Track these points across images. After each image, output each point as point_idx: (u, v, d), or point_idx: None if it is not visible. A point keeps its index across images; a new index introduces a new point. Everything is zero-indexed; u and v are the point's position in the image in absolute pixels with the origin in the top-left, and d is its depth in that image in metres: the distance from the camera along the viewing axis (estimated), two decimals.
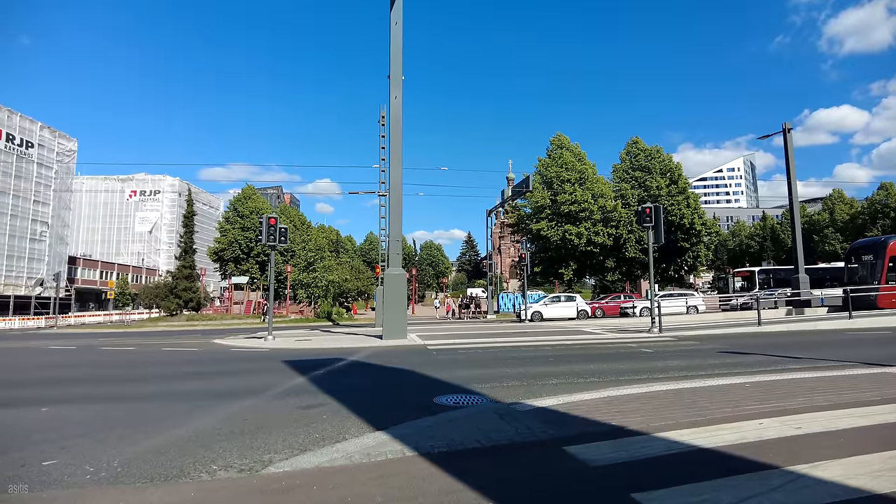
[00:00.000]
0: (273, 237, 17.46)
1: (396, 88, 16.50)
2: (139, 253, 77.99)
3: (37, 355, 14.86)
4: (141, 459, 4.16)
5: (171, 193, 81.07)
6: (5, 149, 48.21)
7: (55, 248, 54.25)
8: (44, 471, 3.96)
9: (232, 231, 54.65)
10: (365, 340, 16.26)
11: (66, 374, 10.75)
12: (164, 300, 43.46)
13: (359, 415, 5.55)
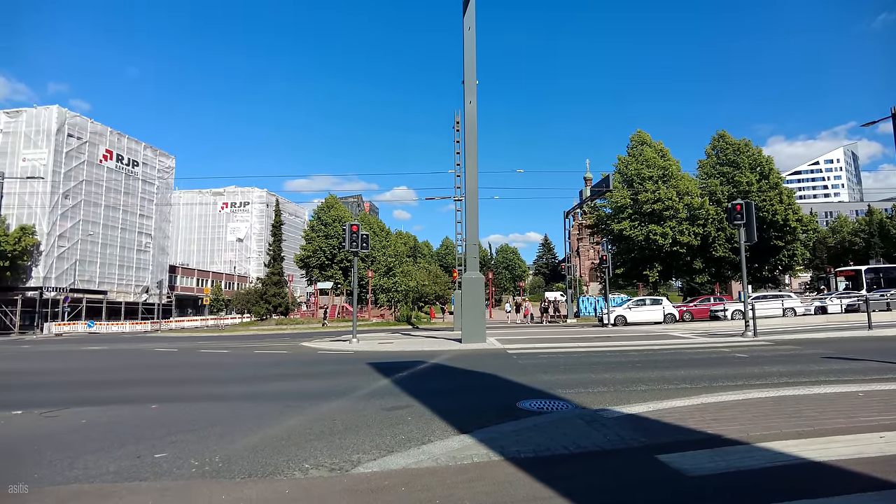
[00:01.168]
0: (355, 244, 18.00)
1: (471, 93, 16.56)
2: (231, 261, 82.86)
3: (145, 357, 16.09)
4: (239, 456, 4.39)
5: (259, 205, 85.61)
6: (115, 168, 52.75)
7: (158, 258, 58.67)
8: (155, 462, 4.26)
9: (316, 239, 56.90)
10: (444, 344, 16.38)
11: (170, 374, 11.56)
12: (254, 305, 45.82)
13: (442, 417, 5.58)
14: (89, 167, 49.52)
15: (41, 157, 45.85)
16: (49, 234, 45.38)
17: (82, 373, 12.22)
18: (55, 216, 46.06)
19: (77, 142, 48.31)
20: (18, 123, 47.01)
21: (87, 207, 49.31)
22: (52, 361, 15.25)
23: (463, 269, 26.65)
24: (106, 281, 51.48)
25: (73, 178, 47.85)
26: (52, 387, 9.70)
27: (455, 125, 27.24)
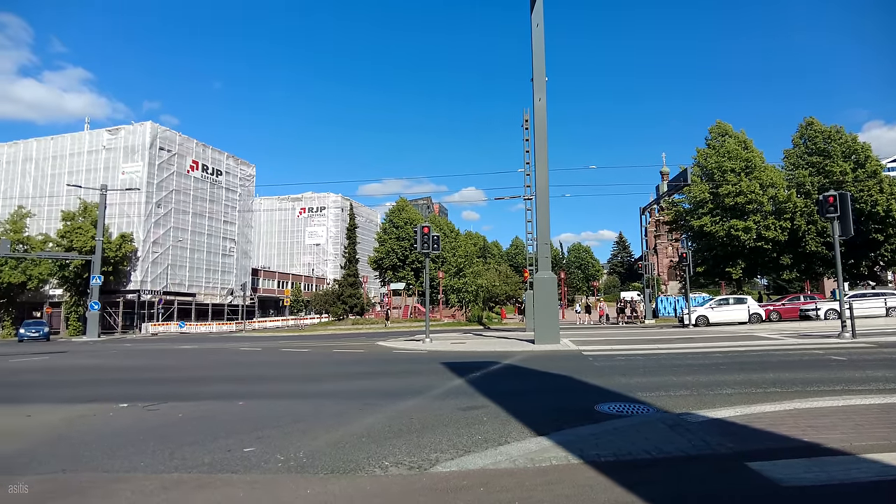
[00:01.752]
0: (427, 245, 18.23)
1: (540, 91, 16.38)
2: (309, 264, 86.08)
3: (231, 355, 16.99)
4: (322, 452, 4.55)
5: (334, 209, 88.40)
6: (201, 178, 56.08)
7: (241, 261, 61.83)
8: (244, 456, 4.50)
9: (389, 241, 58.08)
10: (517, 345, 16.28)
11: (255, 372, 12.16)
12: (332, 306, 47.39)
13: (518, 419, 5.56)
14: (178, 177, 52.94)
15: (137, 169, 49.51)
16: (144, 240, 48.90)
17: (177, 370, 13.08)
18: (149, 224, 49.58)
19: (167, 154, 51.77)
20: (118, 140, 51.00)
21: (177, 215, 52.74)
22: (150, 359, 16.41)
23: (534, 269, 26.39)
24: (195, 284, 54.82)
25: (165, 188, 51.30)
26: (151, 382, 10.45)
27: (524, 123, 27.03)
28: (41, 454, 4.79)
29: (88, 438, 5.38)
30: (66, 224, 44.54)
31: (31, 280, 45.48)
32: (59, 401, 7.90)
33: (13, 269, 44.84)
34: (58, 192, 49.79)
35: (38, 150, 54.15)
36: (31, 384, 10.71)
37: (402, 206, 60.40)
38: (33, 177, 53.25)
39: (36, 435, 5.59)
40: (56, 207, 48.37)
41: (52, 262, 44.67)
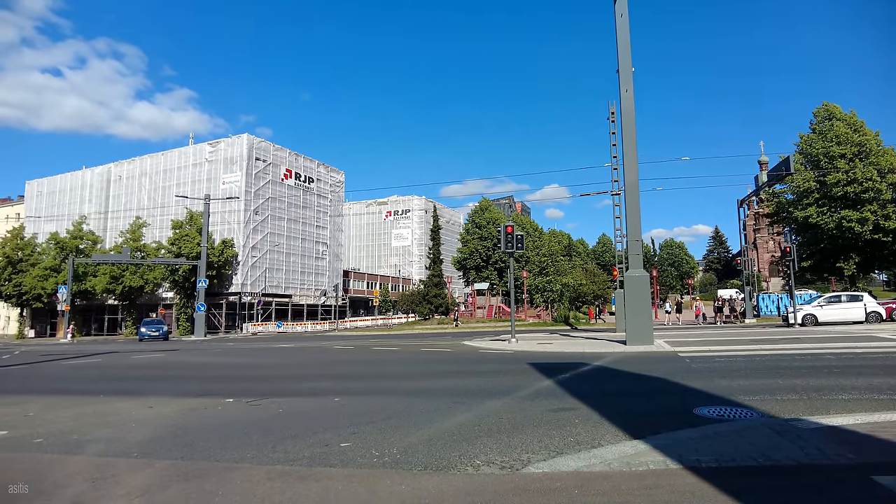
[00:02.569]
0: (511, 244, 18.14)
1: (627, 82, 15.85)
2: (395, 265, 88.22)
3: (325, 354, 17.74)
4: (414, 449, 4.65)
5: (418, 211, 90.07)
6: (294, 185, 58.99)
7: (333, 264, 64.40)
8: (341, 451, 4.68)
9: (472, 241, 58.37)
10: (607, 345, 15.83)
11: (348, 370, 12.62)
12: (417, 306, 48.28)
13: (611, 421, 5.40)
14: (273, 185, 55.99)
15: (236, 179, 52.86)
16: (244, 246, 52.12)
17: (275, 368, 13.84)
18: (248, 230, 52.78)
19: (263, 164, 54.90)
20: (218, 152, 54.72)
21: (273, 221, 55.77)
22: (251, 357, 17.46)
23: (624, 267, 25.56)
24: (291, 286, 57.72)
25: (261, 196, 54.43)
26: (252, 379, 11.12)
27: (610, 116, 26.24)
28: (164, 442, 5.23)
29: (201, 429, 5.81)
30: (175, 232, 48.39)
31: (147, 284, 49.81)
32: (175, 394, 8.59)
33: (133, 274, 49.30)
34: (168, 203, 54.13)
35: (151, 165, 59.15)
36: (150, 378, 11.73)
37: (485, 206, 60.48)
38: (147, 190, 58.23)
39: (158, 424, 6.11)
40: (167, 217, 52.60)
41: (164, 267, 48.73)
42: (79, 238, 52.05)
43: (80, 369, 14.44)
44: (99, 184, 61.70)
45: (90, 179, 62.58)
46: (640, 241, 15.97)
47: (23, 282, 51.04)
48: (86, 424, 6.24)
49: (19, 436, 5.76)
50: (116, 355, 19.44)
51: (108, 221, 58.99)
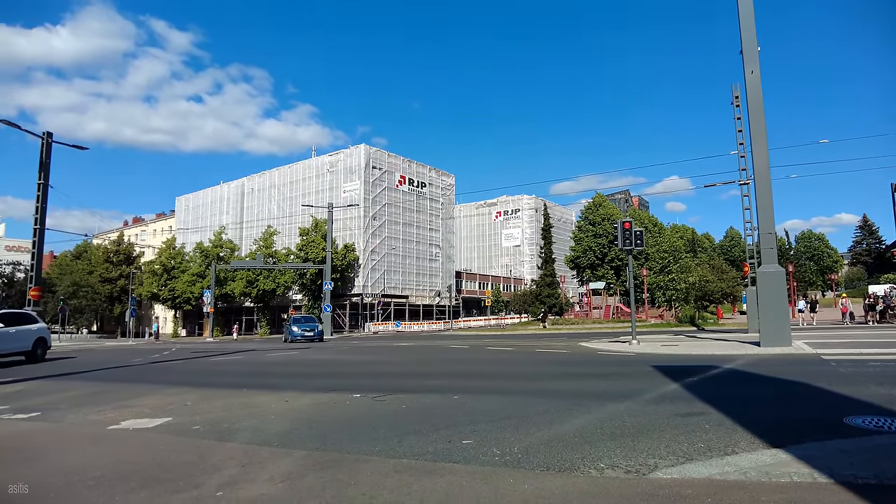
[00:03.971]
0: (629, 241, 17.45)
1: (752, 62, 14.65)
2: (507, 265, 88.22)
3: (442, 353, 18.15)
4: (535, 449, 4.64)
5: (528, 210, 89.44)
6: (408, 190, 61.04)
7: (445, 265, 65.78)
8: (463, 448, 4.79)
9: (585, 239, 56.89)
10: (738, 347, 14.73)
11: (465, 368, 12.83)
12: (530, 306, 47.82)
13: (746, 427, 5.04)
14: (388, 192, 58.34)
15: (355, 187, 55.76)
16: (364, 249, 54.84)
17: (396, 365, 14.39)
18: (367, 235, 55.44)
19: (379, 172, 57.43)
20: (338, 162, 58.04)
21: (389, 226, 58.12)
22: (373, 355, 18.31)
23: (755, 263, 23.70)
24: (407, 287, 59.81)
25: (378, 202, 56.95)
26: (376, 376, 11.67)
27: (733, 101, 24.36)
28: (300, 434, 5.67)
29: (332, 423, 6.22)
30: (302, 239, 52.08)
31: (279, 287, 54.05)
32: (306, 389, 9.24)
33: (266, 278, 53.70)
34: (295, 212, 58.27)
35: (279, 177, 64.05)
36: (284, 375, 12.71)
37: (599, 202, 58.66)
38: (276, 200, 63.11)
39: (293, 417, 6.63)
40: (294, 225, 56.65)
41: (293, 272, 52.58)
42: (219, 246, 57.59)
43: (225, 365, 15.98)
44: (234, 196, 67.88)
45: (227, 193, 69.06)
46: (774, 233, 14.68)
47: (175, 287, 57.44)
48: (233, 415, 6.91)
49: (181, 422, 6.51)
50: (255, 353, 21.25)
51: (243, 230, 64.70)
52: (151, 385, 10.86)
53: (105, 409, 7.72)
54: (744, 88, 15.29)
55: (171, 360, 18.64)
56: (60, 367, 15.69)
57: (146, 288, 59.45)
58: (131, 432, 6.12)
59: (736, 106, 23.90)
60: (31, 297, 29.33)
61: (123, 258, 66.37)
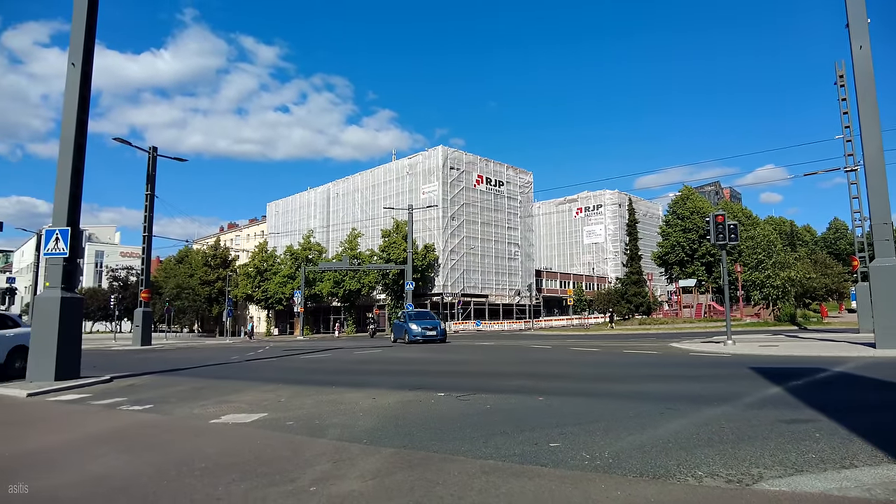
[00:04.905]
0: (722, 235, 16.49)
1: (860, 37, 13.41)
2: (589, 263, 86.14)
3: (523, 353, 17.96)
4: (626, 454, 4.46)
5: (611, 206, 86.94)
6: (486, 190, 61.02)
7: (525, 264, 65.16)
8: (551, 450, 4.68)
9: (673, 234, 54.44)
10: (848, 348, 13.55)
11: (548, 369, 12.62)
12: (615, 305, 46.50)
13: (865, 438, 4.60)
14: (466, 191, 58.60)
15: (434, 189, 56.46)
16: (443, 250, 55.41)
17: (478, 364, 14.39)
18: (446, 235, 55.97)
19: (457, 172, 57.82)
20: (417, 165, 59.02)
21: (468, 225, 58.36)
22: (455, 354, 18.41)
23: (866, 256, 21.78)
24: (486, 286, 59.80)
25: (456, 203, 57.34)
26: (459, 375, 11.71)
27: (837, 80, 22.42)
28: (387, 431, 5.78)
29: (418, 421, 6.29)
30: (384, 240, 53.45)
31: (363, 287, 55.72)
32: (392, 387, 9.41)
33: (351, 278, 55.52)
34: (377, 215, 59.81)
35: (362, 182, 66.01)
36: (370, 372, 13.06)
37: (687, 195, 55.96)
38: (360, 204, 65.07)
39: (380, 415, 6.77)
40: (377, 227, 58.17)
41: (376, 272, 54.01)
42: (308, 249, 60.17)
43: (314, 363, 16.64)
44: (321, 201, 70.67)
45: (314, 198, 72.03)
46: (890, 223, 13.35)
47: (268, 288, 60.64)
48: (323, 411, 7.16)
49: (275, 418, 6.83)
50: (342, 351, 22.01)
51: (329, 233, 67.21)
52: (247, 382, 11.48)
53: (207, 403, 8.24)
54: (850, 66, 14.07)
55: (265, 357, 19.65)
56: (167, 364, 16.95)
57: (241, 289, 63.15)
58: (231, 426, 6.49)
59: (840, 86, 22.03)
60: (141, 298, 32.08)
61: (220, 262, 70.86)
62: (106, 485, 4.29)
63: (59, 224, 11.52)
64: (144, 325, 30.46)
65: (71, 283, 11.65)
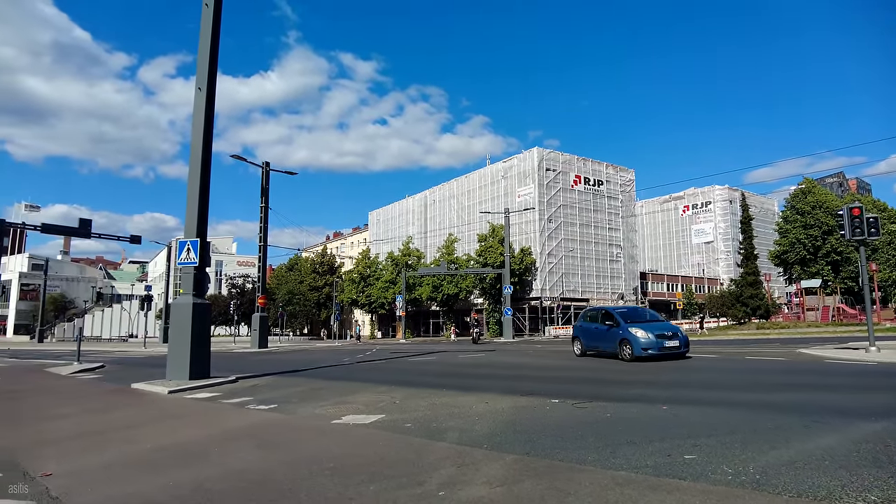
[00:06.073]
0: (859, 230, 14.83)
1: None
2: (699, 263, 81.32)
3: None
4: (775, 470, 4.08)
5: (721, 202, 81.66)
6: (584, 190, 59.40)
7: (628, 266, 62.62)
8: (687, 463, 4.38)
9: (792, 231, 50.12)
10: None
11: (666, 377, 11.93)
12: (729, 308, 43.43)
13: None
14: (563, 193, 57.36)
15: (530, 191, 55.84)
16: (541, 253, 54.57)
17: (589, 371, 13.88)
18: (543, 238, 55.09)
19: (553, 174, 56.79)
20: (512, 168, 58.66)
21: (566, 227, 57.07)
22: (560, 360, 17.98)
23: None
24: (587, 290, 58.12)
25: (553, 205, 56.30)
26: (570, 381, 11.38)
27: None
28: (506, 437, 5.70)
29: (535, 427, 6.15)
30: (480, 245, 53.56)
31: (461, 291, 56.14)
32: (503, 392, 9.32)
33: (449, 283, 56.16)
34: (472, 220, 60.09)
35: (457, 187, 66.65)
36: (478, 376, 13.06)
37: (808, 189, 51.31)
38: (455, 209, 65.73)
39: (496, 420, 6.70)
40: (473, 232, 58.43)
41: (473, 276, 54.21)
42: (407, 255, 61.65)
43: (422, 365, 16.94)
44: (418, 208, 72.19)
45: (412, 206, 73.73)
46: None
47: (371, 293, 62.85)
48: (439, 414, 7.21)
49: (393, 419, 6.97)
50: (446, 354, 22.23)
51: (427, 239, 68.44)
52: (361, 383, 11.86)
53: (326, 404, 8.58)
54: None
55: (374, 359, 20.28)
56: (284, 365, 17.94)
57: (346, 294, 65.91)
58: (352, 427, 6.69)
59: None
60: (258, 304, 34.34)
61: (327, 268, 74.28)
62: (245, 479, 4.55)
63: (189, 236, 12.55)
64: (261, 329, 32.55)
65: (201, 290, 12.63)
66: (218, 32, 13.17)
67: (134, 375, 14.72)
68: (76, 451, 5.98)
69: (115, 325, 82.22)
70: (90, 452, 5.88)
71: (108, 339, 73.54)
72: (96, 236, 35.26)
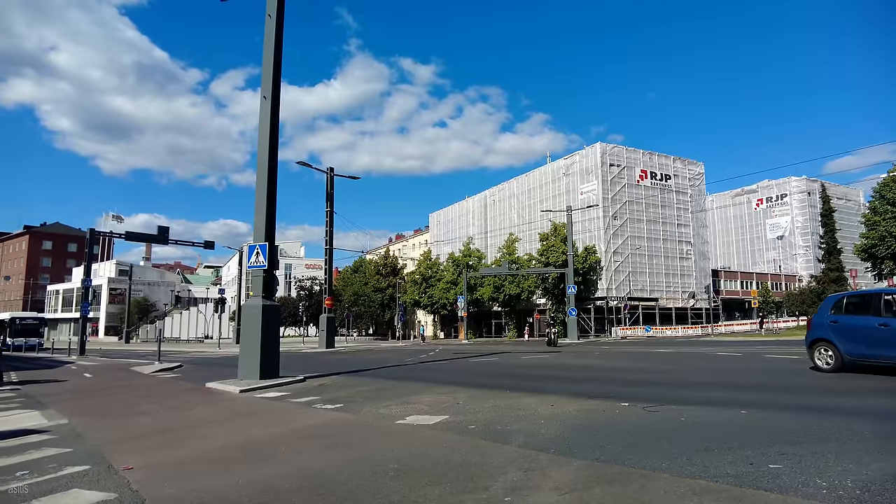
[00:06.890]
0: None
1: None
2: (774, 260, 76.94)
3: (709, 360, 16.44)
4: (878, 485, 3.72)
5: (798, 194, 77.00)
6: (650, 185, 57.46)
7: (699, 263, 60.02)
8: (772, 473, 4.05)
9: (882, 223, 46.42)
10: None
11: (743, 379, 11.34)
12: (810, 307, 40.84)
13: None
14: (629, 188, 55.68)
15: (593, 188, 54.56)
16: (606, 251, 53.19)
17: (659, 373, 13.39)
18: (608, 236, 53.67)
19: (617, 169, 55.24)
20: (574, 165, 57.54)
21: (632, 224, 55.37)
22: (629, 361, 17.45)
23: None
24: (655, 289, 56.17)
25: (618, 201, 54.75)
26: (640, 384, 10.96)
27: None
28: (574, 441, 5.50)
29: (604, 431, 5.91)
30: (542, 244, 52.76)
31: (523, 291, 55.56)
32: (569, 394, 9.07)
33: (510, 283, 55.70)
34: (534, 218, 59.37)
35: (518, 187, 66.08)
36: (542, 378, 12.80)
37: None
38: (516, 209, 65.16)
39: (563, 423, 6.50)
40: (534, 231, 57.69)
41: (535, 276, 53.52)
42: (468, 256, 61.64)
43: (484, 366, 16.84)
44: (478, 209, 72.12)
45: (472, 206, 73.74)
46: None
47: (433, 294, 63.23)
48: (503, 416, 7.08)
49: (457, 421, 6.89)
50: (508, 355, 22.01)
51: (487, 240, 68.21)
52: (424, 383, 11.89)
53: (390, 404, 8.63)
54: None
55: (436, 360, 20.35)
56: (350, 365, 18.29)
57: (409, 295, 66.64)
58: (416, 427, 6.67)
59: None
60: (325, 305, 35.25)
61: (390, 270, 75.41)
62: (312, 479, 4.59)
63: (258, 240, 12.98)
64: (328, 330, 33.41)
65: (270, 292, 13.03)
66: (281, 43, 13.56)
67: (208, 375, 15.41)
68: (155, 446, 6.26)
69: (192, 327, 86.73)
70: (167, 448, 6.14)
71: (186, 341, 77.70)
72: (173, 243, 37.27)
